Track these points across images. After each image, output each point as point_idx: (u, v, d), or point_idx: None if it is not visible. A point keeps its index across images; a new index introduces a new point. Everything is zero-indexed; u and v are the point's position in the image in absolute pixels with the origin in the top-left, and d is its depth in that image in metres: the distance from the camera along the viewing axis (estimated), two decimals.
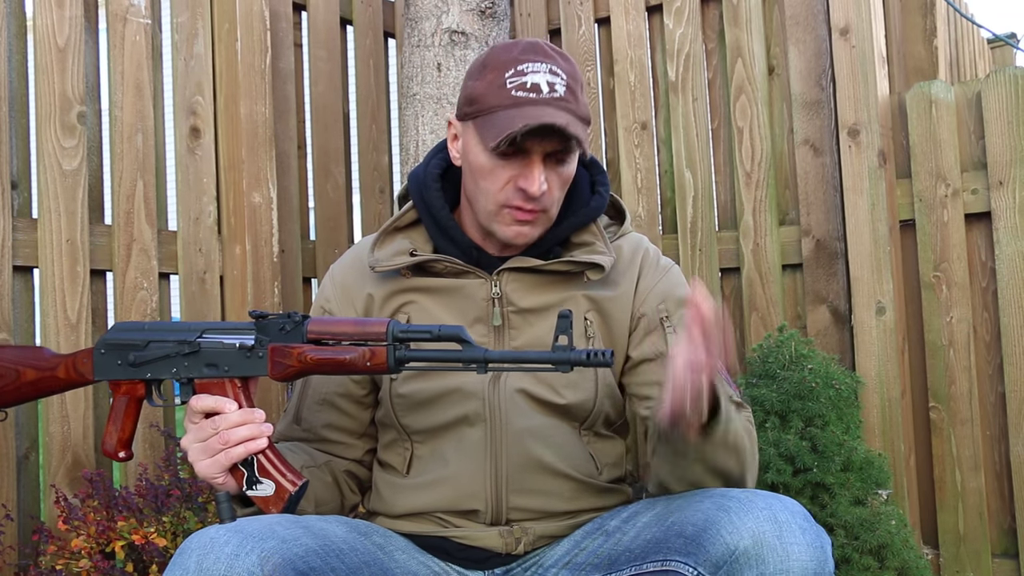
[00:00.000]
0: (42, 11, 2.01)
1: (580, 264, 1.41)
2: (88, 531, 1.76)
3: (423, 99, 2.37)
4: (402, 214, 1.47)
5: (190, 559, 1.12)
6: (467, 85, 1.39)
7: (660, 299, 1.45)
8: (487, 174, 1.35)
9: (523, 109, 1.30)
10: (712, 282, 2.66)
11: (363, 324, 1.25)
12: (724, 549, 1.11)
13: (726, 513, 1.14)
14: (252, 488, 1.26)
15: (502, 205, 1.36)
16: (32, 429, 2.00)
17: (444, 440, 1.41)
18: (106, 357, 1.31)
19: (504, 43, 1.41)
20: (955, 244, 2.41)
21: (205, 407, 1.26)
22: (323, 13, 2.75)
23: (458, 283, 1.42)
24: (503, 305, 1.41)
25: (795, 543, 1.11)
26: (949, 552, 2.41)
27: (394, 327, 1.23)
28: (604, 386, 1.43)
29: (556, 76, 1.34)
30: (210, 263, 2.30)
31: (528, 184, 1.33)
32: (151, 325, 1.32)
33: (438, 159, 1.48)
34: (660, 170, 2.80)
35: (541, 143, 1.32)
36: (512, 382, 1.40)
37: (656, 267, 1.49)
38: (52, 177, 2.00)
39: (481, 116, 1.34)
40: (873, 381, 2.40)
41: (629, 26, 2.82)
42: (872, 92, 2.44)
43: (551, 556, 1.37)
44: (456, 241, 1.43)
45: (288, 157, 2.59)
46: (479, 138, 1.35)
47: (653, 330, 1.43)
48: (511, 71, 1.33)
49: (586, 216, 1.45)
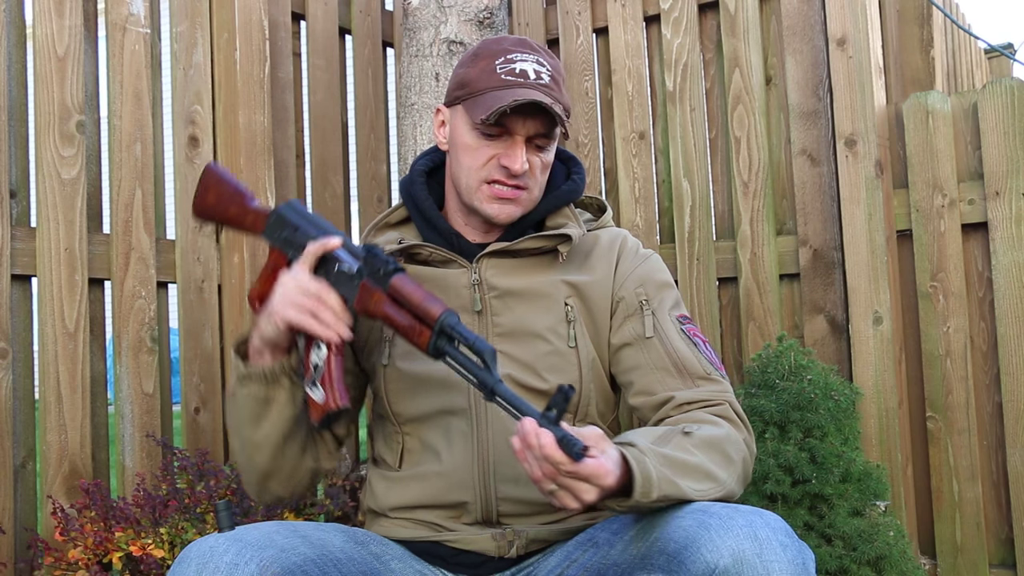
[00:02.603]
0: (42, 20, 2.02)
1: (548, 239, 1.46)
2: (85, 542, 1.76)
3: (421, 109, 2.38)
4: (392, 211, 1.57)
5: (189, 567, 1.12)
6: (457, 73, 1.48)
7: (639, 283, 1.48)
8: (472, 151, 1.43)
9: (512, 90, 1.40)
10: (709, 292, 2.67)
11: (425, 301, 1.28)
12: (704, 567, 1.11)
13: (706, 531, 1.13)
14: (312, 387, 1.35)
15: (484, 181, 1.44)
16: (29, 438, 1.99)
17: (431, 429, 1.43)
18: (274, 224, 1.44)
19: (494, 37, 1.53)
20: (952, 254, 2.41)
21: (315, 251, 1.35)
22: (322, 23, 2.75)
23: (442, 273, 1.48)
24: (483, 291, 1.46)
25: (775, 560, 1.10)
26: (947, 562, 2.41)
27: (445, 319, 1.26)
28: (588, 370, 1.45)
29: (542, 67, 1.44)
30: (208, 272, 2.30)
31: (511, 162, 1.41)
32: (315, 218, 1.43)
33: (424, 159, 1.58)
34: (658, 180, 2.80)
35: (525, 124, 1.41)
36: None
37: (635, 254, 1.52)
38: (51, 186, 2.00)
39: (471, 97, 1.43)
40: (870, 391, 2.40)
41: (627, 36, 2.83)
42: (869, 102, 2.45)
43: (544, 567, 1.38)
44: (439, 230, 1.50)
45: (286, 166, 2.60)
46: (467, 117, 1.43)
47: (632, 314, 1.46)
48: (501, 59, 1.44)
49: (558, 199, 1.52)
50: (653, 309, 1.46)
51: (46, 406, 1.96)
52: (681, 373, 1.42)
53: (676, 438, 1.31)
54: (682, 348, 1.44)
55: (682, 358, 1.43)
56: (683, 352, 1.43)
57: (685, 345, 1.44)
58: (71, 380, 2.00)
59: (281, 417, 1.39)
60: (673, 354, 1.43)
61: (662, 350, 1.44)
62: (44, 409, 1.96)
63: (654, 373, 1.43)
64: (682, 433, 1.32)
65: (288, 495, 1.48)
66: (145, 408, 2.13)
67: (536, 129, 1.42)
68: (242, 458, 1.45)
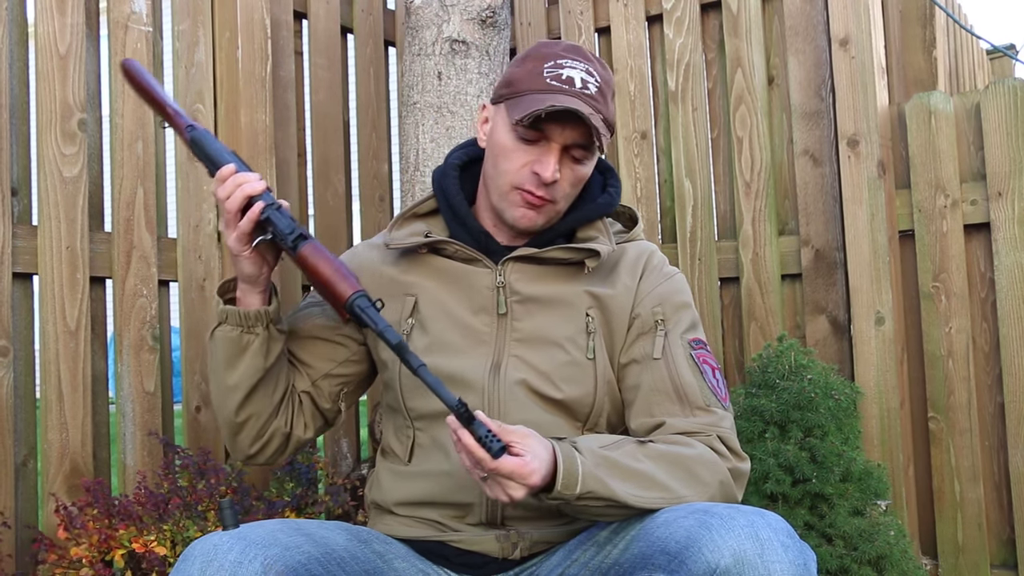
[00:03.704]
0: (44, 18, 2.02)
1: (577, 251, 1.44)
2: (89, 539, 1.75)
3: (423, 108, 2.37)
4: (422, 202, 1.54)
5: (193, 565, 1.12)
6: (507, 72, 1.47)
7: (657, 302, 1.46)
8: (508, 154, 1.41)
9: (554, 95, 1.37)
10: (711, 291, 2.67)
11: (340, 277, 1.32)
12: (705, 567, 1.10)
13: (708, 531, 1.13)
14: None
15: (514, 187, 1.41)
16: (30, 436, 1.99)
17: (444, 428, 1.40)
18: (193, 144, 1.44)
19: (549, 40, 1.51)
20: (954, 255, 2.41)
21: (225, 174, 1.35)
22: (324, 21, 2.75)
23: (465, 270, 1.47)
24: (507, 294, 1.44)
25: (776, 561, 1.10)
26: (948, 563, 2.41)
27: (355, 298, 1.31)
28: (604, 383, 1.43)
29: (591, 76, 1.41)
30: (210, 270, 2.30)
31: (542, 169, 1.38)
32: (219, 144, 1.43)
33: (460, 152, 1.56)
34: (660, 179, 2.80)
35: (562, 132, 1.38)
36: (512, 373, 1.41)
37: (659, 271, 1.50)
38: (52, 184, 2.00)
39: (514, 97, 1.41)
40: (872, 391, 2.40)
41: (629, 36, 2.82)
42: (872, 103, 2.45)
43: (545, 566, 1.38)
44: (468, 227, 1.48)
45: (288, 165, 2.59)
46: (507, 117, 1.41)
47: (646, 332, 1.45)
48: (551, 63, 1.41)
49: (592, 211, 1.49)
50: (667, 330, 1.44)
51: (47, 404, 1.96)
52: (680, 400, 1.40)
53: (628, 446, 1.31)
54: (686, 374, 1.41)
55: (684, 384, 1.41)
56: (686, 379, 1.41)
57: (690, 371, 1.41)
58: (72, 378, 2.00)
59: (254, 365, 1.40)
60: (676, 379, 1.41)
61: (666, 373, 1.41)
62: (45, 407, 1.96)
63: (654, 395, 1.41)
64: (637, 443, 1.32)
65: (259, 454, 1.49)
66: (146, 407, 2.13)
67: (574, 139, 1.38)
68: (216, 403, 1.47)
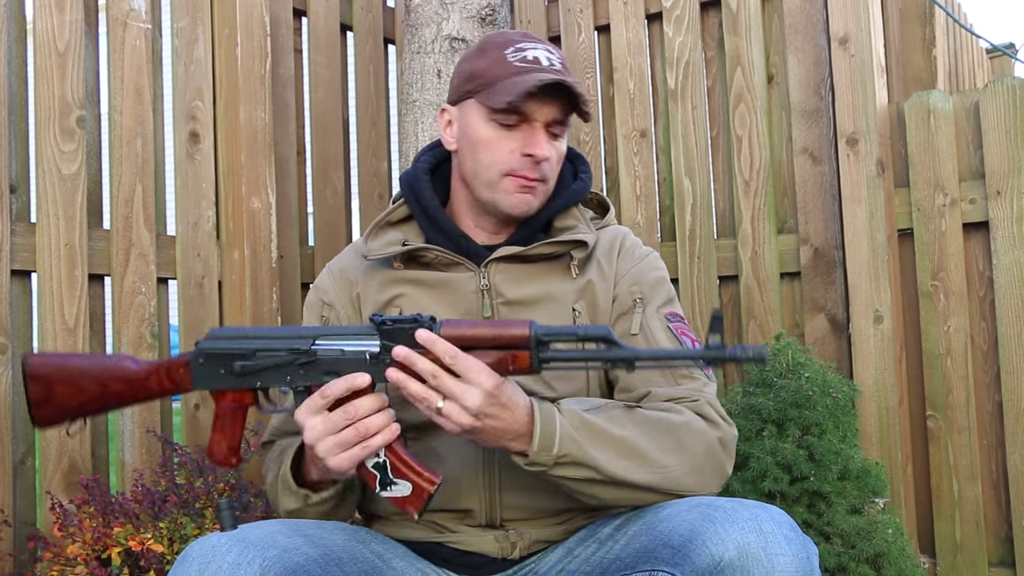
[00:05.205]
0: (42, 15, 2.01)
1: (564, 244, 1.43)
2: (84, 537, 1.75)
3: (423, 105, 2.37)
4: (393, 209, 1.51)
5: (191, 567, 1.11)
6: (463, 68, 1.45)
7: (633, 281, 1.46)
8: (490, 144, 1.40)
9: (530, 74, 1.37)
10: (710, 290, 2.67)
11: (503, 327, 1.20)
12: (709, 560, 1.11)
13: (711, 524, 1.13)
14: (387, 489, 1.23)
15: (505, 173, 1.40)
16: (28, 434, 1.99)
17: (436, 437, 1.40)
18: (206, 366, 1.27)
19: (496, 32, 1.49)
20: (953, 253, 2.41)
21: (337, 393, 1.20)
22: (323, 19, 2.75)
23: (447, 276, 1.44)
24: (492, 296, 1.43)
25: (780, 554, 1.11)
26: (946, 561, 2.41)
27: (536, 330, 1.19)
28: (595, 378, 1.43)
29: (552, 54, 1.42)
30: (208, 268, 2.30)
31: (535, 148, 1.38)
32: (253, 332, 1.28)
33: (427, 156, 1.54)
34: (659, 178, 2.80)
35: (543, 110, 1.38)
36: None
37: (632, 253, 1.50)
38: (51, 181, 2.00)
39: (485, 88, 1.40)
40: (870, 389, 2.40)
41: (629, 34, 2.82)
42: (871, 101, 2.45)
43: (545, 563, 1.37)
44: (445, 231, 1.46)
45: (287, 163, 2.59)
46: (482, 109, 1.40)
47: (625, 312, 1.45)
48: (511, 48, 1.41)
49: (568, 199, 1.49)
50: (645, 307, 1.44)
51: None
52: (662, 370, 1.39)
53: (614, 411, 1.29)
54: (665, 345, 1.41)
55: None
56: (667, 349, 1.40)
57: (669, 343, 1.41)
58: None
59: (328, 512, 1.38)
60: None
61: (645, 347, 1.41)
62: None
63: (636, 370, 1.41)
64: (624, 407, 1.31)
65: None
66: (145, 404, 2.12)
67: (553, 115, 1.39)
68: (273, 503, 1.42)
